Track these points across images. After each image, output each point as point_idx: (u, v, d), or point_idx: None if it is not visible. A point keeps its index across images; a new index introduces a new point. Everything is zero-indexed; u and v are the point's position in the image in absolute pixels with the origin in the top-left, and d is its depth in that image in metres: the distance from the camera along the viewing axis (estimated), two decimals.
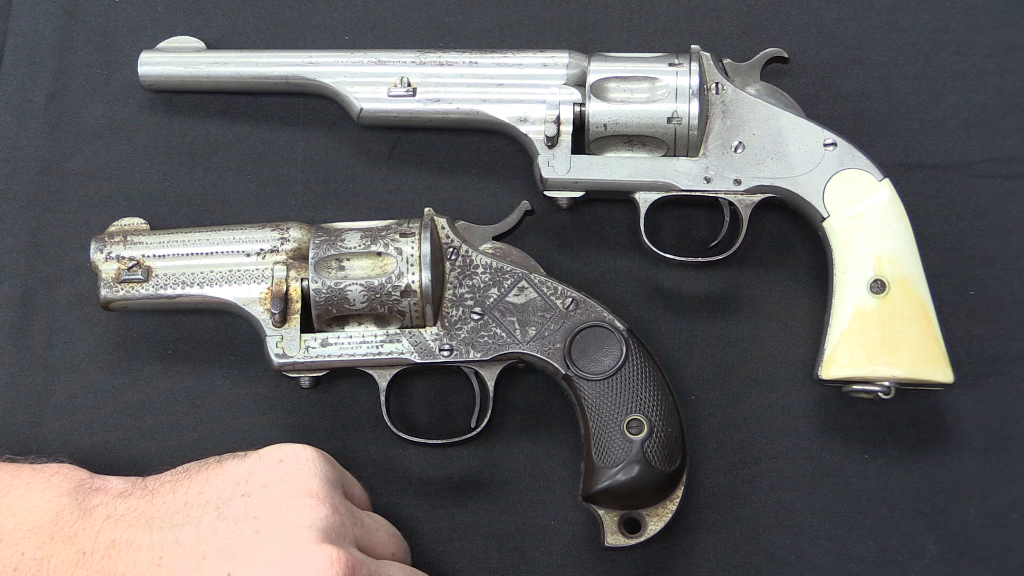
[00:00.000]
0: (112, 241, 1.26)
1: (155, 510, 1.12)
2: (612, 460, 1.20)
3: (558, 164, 1.28)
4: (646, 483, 1.19)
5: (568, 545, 1.27)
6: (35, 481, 1.14)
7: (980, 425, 1.28)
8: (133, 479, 1.17)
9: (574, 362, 1.22)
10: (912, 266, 1.24)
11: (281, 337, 1.23)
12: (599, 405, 1.21)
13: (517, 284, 1.24)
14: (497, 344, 1.23)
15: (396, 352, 1.23)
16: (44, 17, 1.41)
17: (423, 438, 1.26)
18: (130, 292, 1.25)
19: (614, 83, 1.27)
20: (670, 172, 1.27)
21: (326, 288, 1.22)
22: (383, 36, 1.40)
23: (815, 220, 1.27)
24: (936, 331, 1.22)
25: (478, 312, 1.23)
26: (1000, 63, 1.37)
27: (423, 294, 1.21)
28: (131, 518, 1.11)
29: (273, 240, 1.25)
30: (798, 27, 1.39)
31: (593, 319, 1.23)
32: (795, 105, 1.30)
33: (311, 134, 1.38)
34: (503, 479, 1.29)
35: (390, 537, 1.18)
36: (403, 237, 1.23)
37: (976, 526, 1.26)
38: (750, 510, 1.27)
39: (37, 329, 1.33)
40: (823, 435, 1.28)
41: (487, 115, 1.30)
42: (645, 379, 1.22)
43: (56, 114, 1.38)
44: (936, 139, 1.35)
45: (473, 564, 1.27)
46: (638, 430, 1.20)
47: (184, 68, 1.34)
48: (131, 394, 1.31)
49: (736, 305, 1.32)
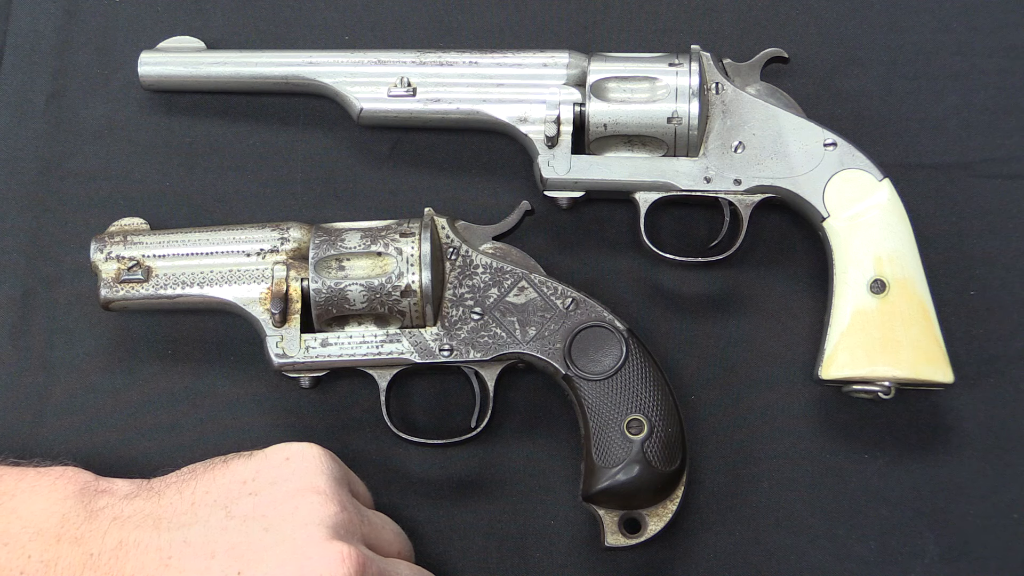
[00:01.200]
0: (112, 241, 1.26)
1: (162, 511, 1.12)
2: (612, 460, 1.20)
3: (558, 164, 1.28)
4: (646, 483, 1.19)
5: (568, 545, 1.27)
6: (40, 484, 1.14)
7: (980, 425, 1.28)
8: (139, 481, 1.17)
9: (574, 362, 1.22)
10: (912, 266, 1.24)
11: (281, 337, 1.23)
12: (599, 405, 1.21)
13: (517, 284, 1.24)
14: (497, 344, 1.23)
15: (396, 352, 1.23)
16: (44, 17, 1.41)
17: (423, 438, 1.26)
18: (130, 292, 1.25)
19: (614, 83, 1.27)
20: (670, 172, 1.27)
21: (326, 288, 1.22)
22: (383, 36, 1.40)
23: (815, 220, 1.27)
24: (936, 331, 1.22)
25: (478, 312, 1.23)
26: (1000, 63, 1.37)
27: (423, 294, 1.21)
28: (138, 519, 1.11)
29: (273, 240, 1.25)
30: (798, 27, 1.39)
31: (593, 319, 1.23)
32: (795, 105, 1.30)
33: (311, 134, 1.38)
34: (503, 479, 1.29)
35: (396, 535, 1.18)
36: (403, 237, 1.23)
37: (976, 526, 1.26)
38: (750, 510, 1.27)
39: (37, 329, 1.33)
40: (823, 435, 1.28)
41: (487, 115, 1.30)
42: (645, 379, 1.22)
43: (56, 114, 1.38)
44: (936, 139, 1.35)
45: (473, 564, 1.27)
46: (638, 430, 1.20)
47: (184, 68, 1.34)
48: (131, 394, 1.31)
49: (736, 305, 1.32)
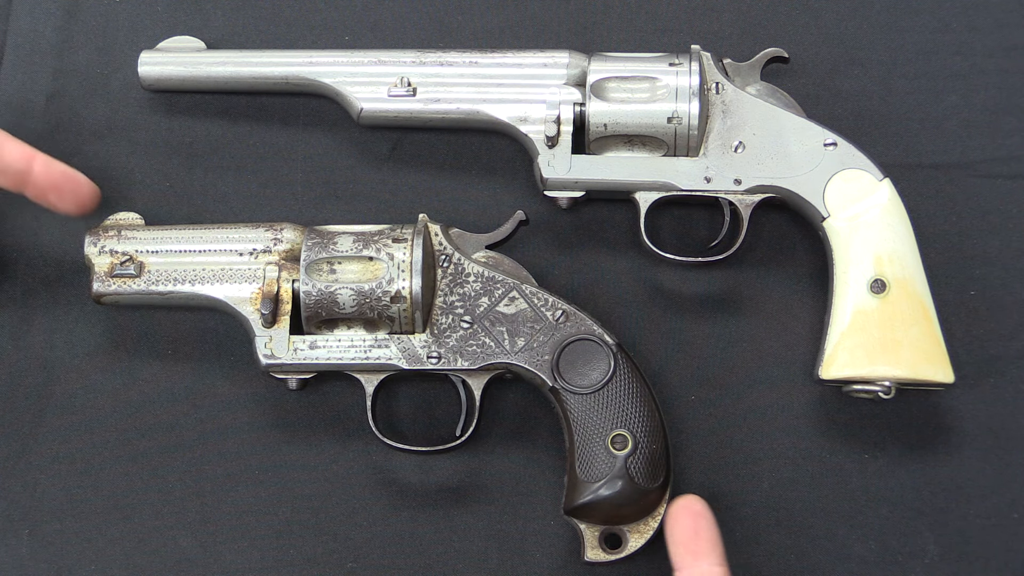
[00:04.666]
0: (106, 235, 1.26)
1: None
2: (595, 475, 1.19)
3: (558, 164, 1.28)
4: (629, 499, 1.19)
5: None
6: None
7: (980, 425, 1.28)
8: None
9: (561, 375, 1.22)
10: (912, 266, 1.24)
11: (270, 338, 1.23)
12: (584, 419, 1.21)
13: (508, 294, 1.24)
14: (485, 353, 1.23)
15: (384, 357, 1.23)
16: (44, 17, 1.41)
17: (408, 444, 1.26)
18: (122, 287, 1.25)
19: (614, 83, 1.27)
20: (670, 172, 1.27)
21: (316, 291, 1.21)
22: (383, 36, 1.40)
23: (815, 220, 1.27)
24: (936, 331, 1.22)
25: (467, 321, 1.23)
26: (1000, 63, 1.37)
27: (413, 300, 1.21)
28: None
29: (266, 240, 1.25)
30: (798, 27, 1.39)
31: (582, 332, 1.23)
32: (795, 105, 1.30)
33: (311, 134, 1.38)
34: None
35: None
36: (395, 243, 1.22)
37: (976, 526, 1.26)
38: (750, 510, 1.27)
39: (37, 329, 1.33)
40: (823, 435, 1.28)
41: (487, 115, 1.30)
42: (632, 395, 1.21)
43: (56, 114, 1.38)
44: (936, 139, 1.35)
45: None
46: (622, 445, 1.19)
47: (184, 68, 1.34)
48: (131, 393, 1.31)
49: (736, 305, 1.32)
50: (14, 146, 1.25)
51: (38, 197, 1.26)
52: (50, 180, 1.25)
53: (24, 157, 1.25)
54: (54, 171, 1.25)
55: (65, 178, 1.26)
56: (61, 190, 1.26)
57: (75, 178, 1.26)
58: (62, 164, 1.26)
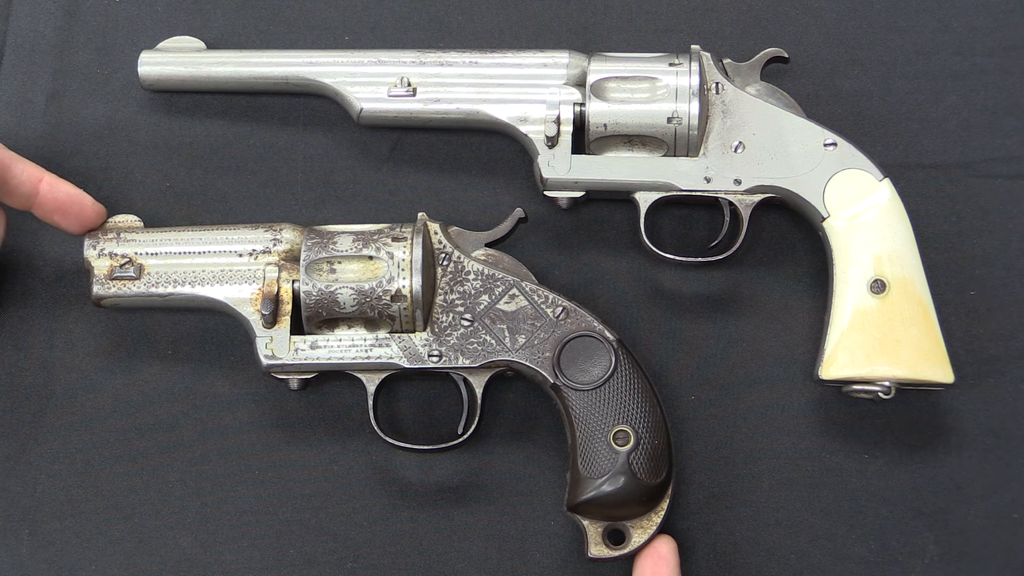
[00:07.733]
0: (105, 238, 1.26)
1: None
2: (598, 471, 1.19)
3: (558, 164, 1.28)
4: (631, 495, 1.19)
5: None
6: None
7: (980, 425, 1.28)
8: None
9: (563, 371, 1.22)
10: (912, 266, 1.24)
11: (271, 338, 1.23)
12: (586, 415, 1.21)
13: (508, 292, 1.24)
14: (486, 351, 1.23)
15: (385, 356, 1.23)
16: (44, 17, 1.41)
17: (410, 443, 1.26)
18: (122, 289, 1.25)
19: (614, 83, 1.27)
20: (670, 172, 1.27)
21: (316, 291, 1.21)
22: (383, 36, 1.40)
23: (815, 220, 1.27)
24: (936, 331, 1.22)
25: (468, 318, 1.23)
26: (1000, 63, 1.37)
27: (413, 299, 1.21)
28: None
29: (266, 241, 1.25)
30: (798, 27, 1.39)
31: (583, 329, 1.23)
32: (795, 105, 1.30)
33: (311, 134, 1.38)
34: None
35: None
36: (395, 242, 1.22)
37: (976, 526, 1.26)
38: (750, 510, 1.27)
39: (37, 329, 1.33)
40: (823, 435, 1.28)
41: (487, 115, 1.30)
42: (633, 391, 1.21)
43: (56, 114, 1.38)
44: (936, 139, 1.35)
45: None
46: (624, 441, 1.20)
47: (184, 68, 1.34)
48: (131, 393, 1.31)
49: (736, 305, 1.32)
50: (23, 167, 1.26)
51: (44, 217, 1.28)
52: (56, 202, 1.27)
53: (32, 179, 1.26)
54: (60, 193, 1.27)
55: (71, 200, 1.27)
56: (66, 212, 1.27)
57: (80, 200, 1.27)
58: (68, 185, 1.27)
